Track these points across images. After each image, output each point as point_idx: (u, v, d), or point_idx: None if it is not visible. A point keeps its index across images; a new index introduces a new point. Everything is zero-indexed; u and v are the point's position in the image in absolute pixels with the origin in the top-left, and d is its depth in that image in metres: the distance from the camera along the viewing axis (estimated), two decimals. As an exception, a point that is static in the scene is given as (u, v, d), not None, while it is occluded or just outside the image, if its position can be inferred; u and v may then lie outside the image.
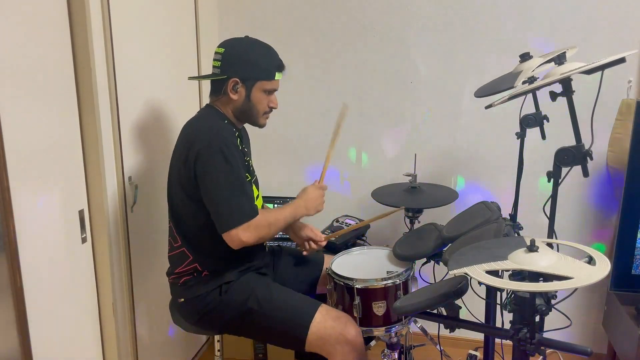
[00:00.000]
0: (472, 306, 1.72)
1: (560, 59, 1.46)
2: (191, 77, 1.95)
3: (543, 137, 1.84)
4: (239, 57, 1.67)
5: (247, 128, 1.86)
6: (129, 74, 1.80)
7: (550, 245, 1.28)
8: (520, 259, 1.16)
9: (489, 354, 1.76)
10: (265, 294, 1.69)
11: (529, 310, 1.23)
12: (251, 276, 1.76)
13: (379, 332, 1.75)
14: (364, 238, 2.32)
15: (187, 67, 2.28)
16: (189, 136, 1.66)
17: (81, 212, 1.66)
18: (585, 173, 1.37)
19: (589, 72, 1.31)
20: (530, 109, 1.82)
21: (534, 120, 1.78)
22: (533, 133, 1.83)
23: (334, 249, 2.10)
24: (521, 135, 1.85)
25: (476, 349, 1.85)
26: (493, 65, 2.31)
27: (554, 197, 1.40)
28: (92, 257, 1.73)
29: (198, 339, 2.53)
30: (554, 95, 1.39)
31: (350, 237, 2.21)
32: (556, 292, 1.35)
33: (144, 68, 1.93)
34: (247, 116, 1.74)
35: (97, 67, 1.63)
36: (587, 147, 1.35)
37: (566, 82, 1.37)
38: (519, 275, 1.23)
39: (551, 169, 1.40)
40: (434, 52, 2.38)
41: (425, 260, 1.89)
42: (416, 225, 2.15)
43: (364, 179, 2.54)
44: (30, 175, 1.44)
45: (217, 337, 1.95)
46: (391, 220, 2.54)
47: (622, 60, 1.26)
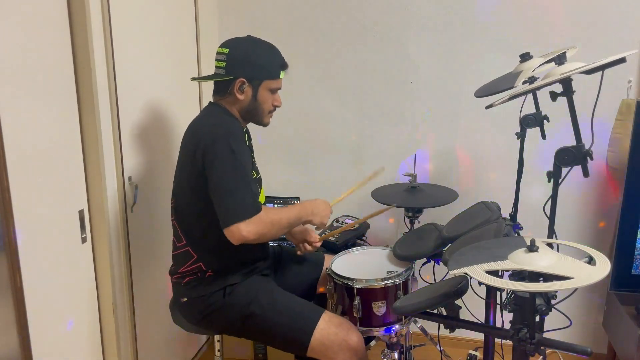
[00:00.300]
0: (472, 306, 1.72)
1: (560, 59, 1.46)
2: (194, 78, 1.87)
3: (543, 137, 1.84)
4: (245, 58, 1.66)
5: (247, 128, 1.86)
6: (129, 74, 1.80)
7: (550, 245, 1.28)
8: (520, 259, 1.16)
9: (489, 354, 1.75)
10: (269, 298, 1.69)
11: (529, 310, 1.23)
12: (255, 279, 1.76)
13: (379, 332, 1.75)
14: (364, 238, 2.32)
15: (187, 67, 2.28)
16: (197, 131, 1.66)
17: (81, 212, 1.66)
18: (585, 173, 1.37)
19: (589, 72, 1.31)
20: (530, 109, 1.82)
21: (534, 120, 1.79)
22: (533, 133, 1.83)
23: (335, 249, 2.10)
24: (521, 135, 1.85)
25: (476, 349, 1.85)
26: (493, 65, 2.29)
27: (554, 197, 1.40)
28: (92, 257, 1.73)
29: (198, 339, 2.53)
30: (554, 95, 1.39)
31: (351, 237, 2.21)
32: (556, 292, 1.36)
33: (144, 68, 1.93)
34: (252, 115, 1.74)
35: (97, 67, 1.63)
36: (587, 147, 1.35)
37: (566, 82, 1.37)
38: (519, 275, 1.23)
39: (551, 169, 1.40)
40: (434, 52, 2.38)
41: (425, 260, 1.89)
42: (416, 225, 2.15)
43: (364, 178, 2.53)
44: (30, 175, 1.44)
45: (217, 337, 1.95)
46: (391, 219, 2.54)
47: (622, 60, 1.26)
